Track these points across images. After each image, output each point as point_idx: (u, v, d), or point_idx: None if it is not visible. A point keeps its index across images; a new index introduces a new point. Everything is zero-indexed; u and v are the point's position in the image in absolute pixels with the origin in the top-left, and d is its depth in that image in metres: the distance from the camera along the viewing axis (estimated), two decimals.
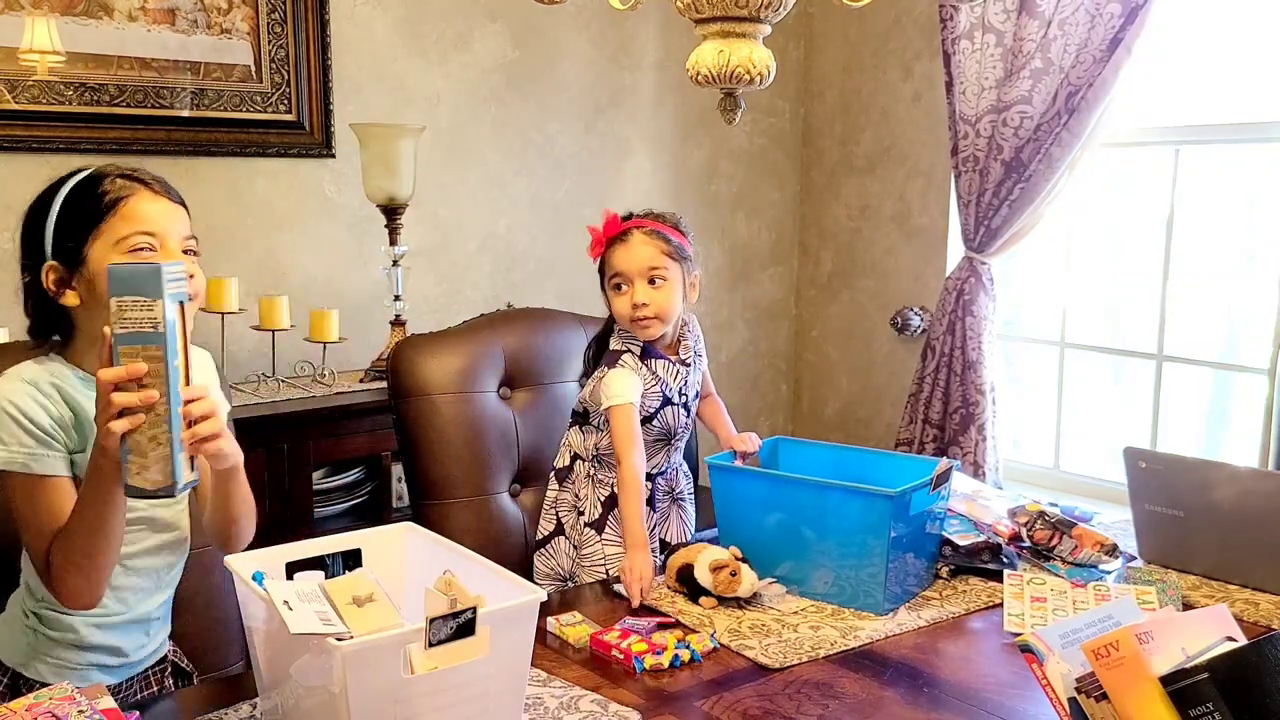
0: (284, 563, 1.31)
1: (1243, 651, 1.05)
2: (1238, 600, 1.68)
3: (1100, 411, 3.25)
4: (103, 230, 1.38)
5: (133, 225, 1.38)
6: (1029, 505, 1.86)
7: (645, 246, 1.86)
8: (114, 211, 1.38)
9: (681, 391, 1.92)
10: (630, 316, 1.87)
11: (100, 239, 1.38)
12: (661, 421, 1.91)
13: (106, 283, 1.24)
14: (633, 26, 3.41)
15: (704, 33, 1.50)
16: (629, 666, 1.44)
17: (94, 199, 1.39)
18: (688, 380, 1.94)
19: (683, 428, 1.94)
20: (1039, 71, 2.91)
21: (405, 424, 1.99)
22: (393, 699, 1.11)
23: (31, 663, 1.45)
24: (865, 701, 1.37)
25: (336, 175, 2.95)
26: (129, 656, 1.52)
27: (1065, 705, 1.11)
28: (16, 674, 1.45)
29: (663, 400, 1.90)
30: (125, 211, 1.38)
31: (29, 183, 2.56)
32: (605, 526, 1.90)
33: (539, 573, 1.96)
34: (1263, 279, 2.83)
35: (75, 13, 2.54)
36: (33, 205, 1.46)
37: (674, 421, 1.92)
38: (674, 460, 1.98)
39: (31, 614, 1.46)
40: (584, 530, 1.92)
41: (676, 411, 1.92)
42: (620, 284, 1.87)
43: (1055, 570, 1.74)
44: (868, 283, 3.67)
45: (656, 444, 1.92)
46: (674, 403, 1.91)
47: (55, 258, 1.41)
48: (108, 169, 1.43)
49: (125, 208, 1.39)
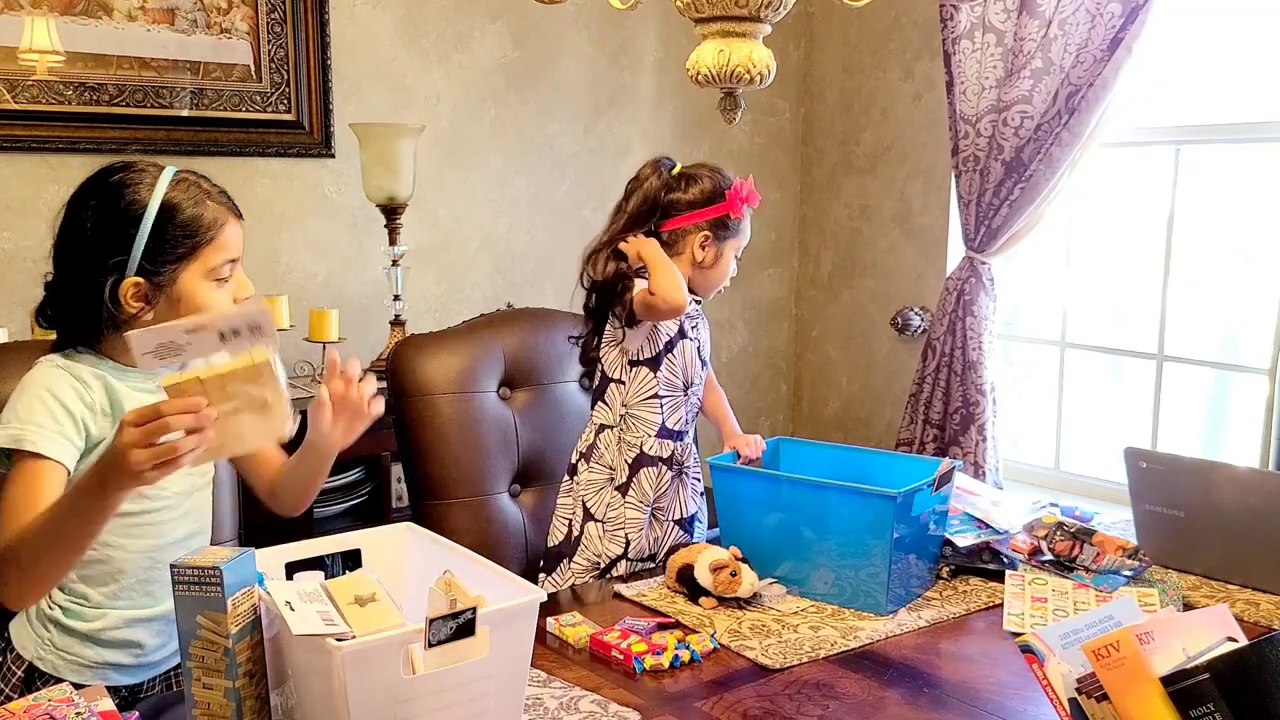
0: (284, 563, 1.31)
1: (1243, 652, 1.05)
2: (1238, 600, 1.68)
3: (1101, 411, 3.25)
4: (199, 257, 1.39)
5: (223, 255, 1.41)
6: (1045, 518, 1.85)
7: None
8: (213, 241, 1.39)
9: (696, 332, 1.94)
10: (724, 286, 1.99)
11: (194, 265, 1.39)
12: (679, 358, 1.91)
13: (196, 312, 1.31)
14: (633, 26, 3.41)
15: (704, 32, 1.50)
16: (629, 667, 1.44)
17: (195, 224, 1.39)
18: (700, 326, 1.96)
19: (698, 378, 1.95)
20: (1039, 71, 2.91)
21: (405, 424, 1.99)
22: (393, 699, 1.11)
23: (47, 657, 1.45)
24: (866, 702, 1.36)
25: (336, 175, 2.95)
26: (148, 655, 1.51)
27: (1066, 706, 1.11)
28: (33, 667, 1.45)
29: (680, 327, 1.91)
30: (220, 241, 1.40)
31: (29, 183, 2.59)
32: (629, 489, 1.90)
33: (579, 569, 1.90)
34: (1263, 279, 2.83)
35: (75, 12, 2.54)
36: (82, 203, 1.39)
37: (689, 364, 1.92)
38: (691, 426, 1.97)
39: (55, 606, 1.45)
40: (612, 496, 1.91)
41: (691, 352, 1.93)
42: (738, 255, 1.96)
43: (1081, 580, 1.71)
44: (868, 282, 3.67)
45: (677, 393, 1.92)
46: (689, 337, 1.93)
47: (141, 274, 1.38)
48: (190, 176, 1.41)
49: (221, 237, 1.40)
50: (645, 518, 1.90)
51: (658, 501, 1.92)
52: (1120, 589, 1.67)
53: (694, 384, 1.94)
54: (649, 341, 1.90)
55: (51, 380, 1.37)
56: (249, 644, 1.18)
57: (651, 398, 1.90)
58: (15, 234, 2.54)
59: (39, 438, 1.33)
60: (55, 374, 1.38)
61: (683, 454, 1.95)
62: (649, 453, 1.90)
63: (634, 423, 1.91)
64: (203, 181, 1.44)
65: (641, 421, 1.90)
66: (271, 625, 1.19)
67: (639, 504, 1.90)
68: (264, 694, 1.21)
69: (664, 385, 1.90)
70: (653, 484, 1.91)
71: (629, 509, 1.90)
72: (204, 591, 1.14)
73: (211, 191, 1.43)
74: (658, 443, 1.91)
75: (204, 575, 1.14)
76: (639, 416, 1.91)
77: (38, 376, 1.38)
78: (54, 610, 1.45)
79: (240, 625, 1.16)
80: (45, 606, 1.45)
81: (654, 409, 1.90)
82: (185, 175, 1.43)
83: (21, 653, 1.45)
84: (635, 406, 1.91)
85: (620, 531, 1.90)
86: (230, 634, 1.15)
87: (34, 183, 2.56)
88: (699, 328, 1.96)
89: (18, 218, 2.55)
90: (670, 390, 1.91)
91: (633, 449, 1.91)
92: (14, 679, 1.45)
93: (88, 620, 1.45)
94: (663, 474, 1.91)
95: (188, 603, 1.15)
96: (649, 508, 1.91)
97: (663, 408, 1.91)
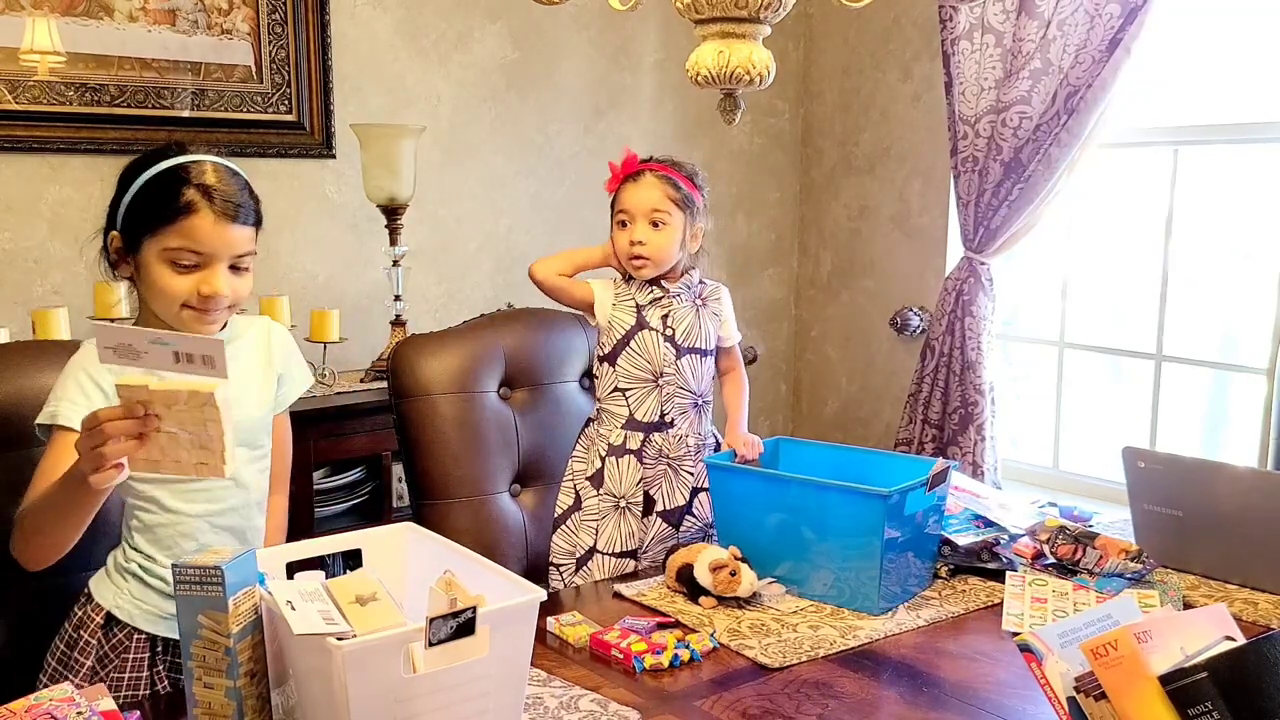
0: (285, 563, 1.32)
1: (1242, 651, 1.05)
2: (1236, 600, 1.68)
3: (1099, 411, 3.26)
4: (159, 234, 1.43)
5: (184, 241, 1.43)
6: (1047, 521, 1.85)
7: (653, 189, 1.92)
8: (174, 223, 1.43)
9: (667, 324, 1.93)
10: (627, 253, 1.93)
11: (154, 240, 1.44)
12: (642, 350, 1.92)
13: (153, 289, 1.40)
14: (632, 27, 3.42)
15: (704, 33, 1.50)
16: (629, 666, 1.44)
17: (165, 198, 1.43)
18: (672, 312, 1.94)
19: (669, 368, 1.93)
20: (1038, 72, 2.91)
21: (405, 424, 1.99)
22: (393, 698, 1.11)
23: (124, 606, 1.52)
24: (864, 701, 1.37)
25: (337, 175, 2.95)
26: None
27: (1064, 704, 1.11)
28: (111, 616, 1.52)
29: (636, 319, 1.92)
30: (184, 227, 1.43)
31: (29, 183, 2.59)
32: (602, 481, 1.94)
33: (558, 551, 1.96)
34: (1262, 279, 2.83)
35: (76, 13, 2.54)
36: (128, 166, 1.51)
37: (656, 354, 1.92)
38: (670, 417, 1.93)
39: (131, 560, 1.52)
40: (585, 487, 1.95)
41: (658, 341, 1.92)
42: (624, 221, 1.93)
43: (1084, 584, 1.71)
44: (867, 283, 3.67)
45: (644, 384, 1.93)
46: (651, 327, 1.92)
47: (121, 230, 1.47)
48: (200, 166, 1.47)
49: (185, 223, 1.43)
50: (610, 508, 1.93)
51: (625, 494, 1.93)
52: (1123, 592, 1.67)
53: (666, 373, 1.93)
54: (607, 337, 1.95)
55: (85, 359, 1.46)
56: (250, 643, 1.19)
57: (614, 391, 1.94)
58: (16, 234, 2.55)
59: (70, 412, 1.41)
60: (90, 352, 1.44)
61: (667, 445, 1.94)
62: (616, 444, 1.93)
63: (605, 416, 1.96)
64: (218, 174, 1.47)
65: (610, 415, 1.95)
66: (272, 625, 1.19)
67: (608, 495, 1.93)
68: (265, 693, 1.22)
69: (624, 378, 1.93)
70: (621, 475, 1.92)
71: (602, 500, 1.94)
72: (205, 591, 1.15)
73: (213, 184, 1.45)
74: (625, 434, 1.93)
75: (205, 575, 1.15)
76: (607, 410, 1.96)
77: (76, 356, 1.48)
78: (130, 564, 1.52)
79: (241, 625, 1.17)
80: (123, 560, 1.53)
81: (618, 402, 1.94)
82: (212, 165, 1.48)
83: (101, 602, 1.52)
84: (604, 400, 1.96)
85: (592, 522, 1.94)
86: (231, 633, 1.15)
87: (35, 183, 2.56)
88: (671, 316, 1.94)
89: (18, 218, 2.55)
90: (634, 382, 1.93)
91: (604, 440, 1.94)
92: (92, 625, 1.52)
93: (162, 576, 1.51)
94: (631, 465, 1.92)
95: (189, 602, 1.16)
96: (613, 499, 1.93)
97: (628, 400, 1.93)
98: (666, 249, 1.92)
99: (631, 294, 1.95)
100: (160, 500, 1.51)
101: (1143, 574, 1.72)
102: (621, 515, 1.93)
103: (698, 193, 1.95)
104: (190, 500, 1.52)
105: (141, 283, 1.48)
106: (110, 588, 1.53)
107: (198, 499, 1.53)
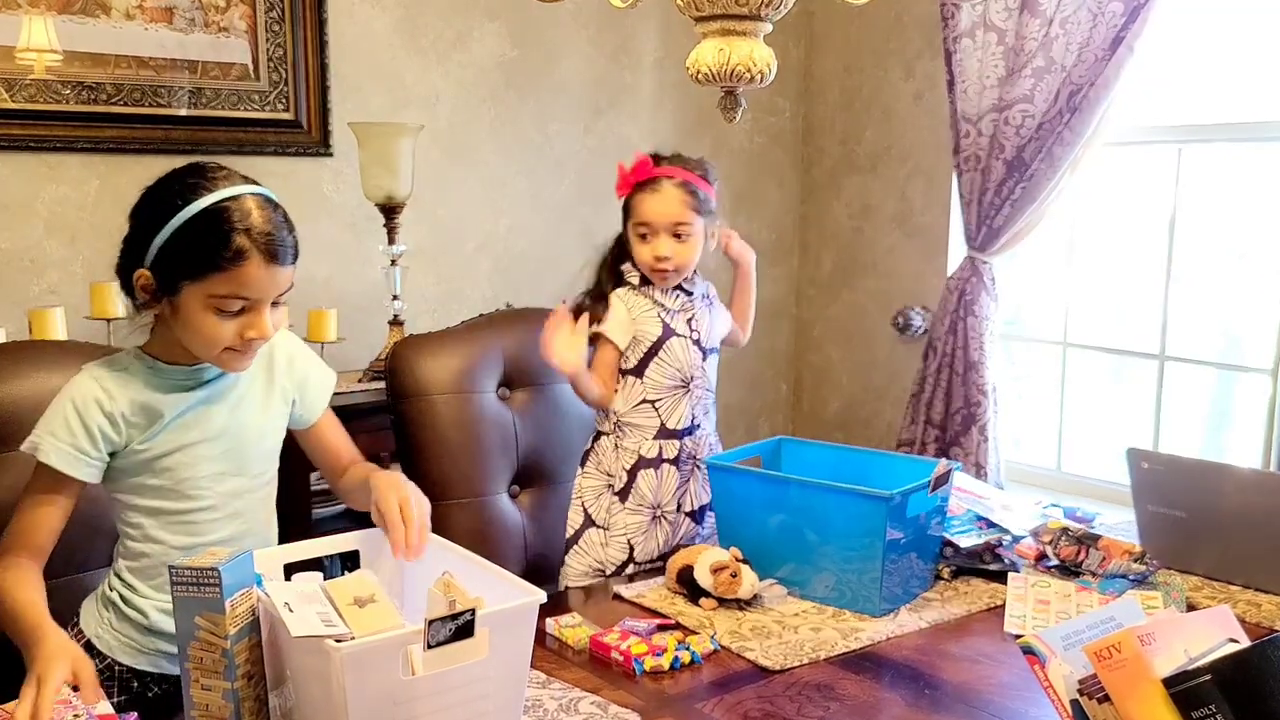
0: (282, 564, 1.31)
1: (1245, 653, 1.04)
2: (1240, 601, 1.68)
3: (1102, 412, 3.25)
4: (205, 281, 1.36)
5: (233, 289, 1.36)
6: (1050, 523, 1.84)
7: (673, 201, 1.87)
8: (222, 271, 1.35)
9: (692, 326, 1.92)
10: (651, 266, 1.89)
11: (198, 286, 1.36)
12: (671, 358, 1.89)
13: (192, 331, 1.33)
14: (632, 25, 3.41)
15: (704, 31, 1.49)
16: (629, 668, 1.44)
17: (212, 245, 1.35)
18: (695, 315, 1.93)
19: (699, 371, 1.92)
20: (1041, 70, 2.90)
21: (404, 424, 1.99)
22: (392, 701, 1.10)
23: (104, 636, 1.48)
24: (866, 703, 1.36)
25: (335, 174, 2.94)
26: None
27: (1067, 707, 1.11)
28: (91, 644, 1.48)
29: (664, 328, 1.90)
30: (233, 275, 1.36)
31: (26, 182, 2.58)
32: (629, 494, 1.90)
33: (574, 573, 1.92)
34: (1266, 278, 2.82)
35: (72, 11, 2.53)
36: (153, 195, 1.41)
37: (685, 359, 1.90)
38: (698, 420, 1.94)
39: (114, 590, 1.49)
40: (611, 501, 1.91)
41: (686, 346, 1.91)
42: (645, 234, 1.89)
43: (1087, 585, 1.70)
44: (869, 282, 3.66)
45: (674, 391, 1.91)
46: (679, 334, 1.91)
47: (151, 269, 1.38)
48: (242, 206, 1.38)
49: (235, 272, 1.35)
50: (646, 521, 1.90)
51: (662, 502, 1.91)
52: (1126, 594, 1.66)
53: (695, 378, 1.92)
54: (632, 351, 1.90)
55: (78, 390, 1.40)
56: (247, 645, 1.18)
57: (642, 403, 1.90)
58: (13, 234, 2.54)
59: (51, 449, 1.37)
60: (85, 384, 1.40)
61: (695, 448, 1.93)
62: (647, 456, 1.89)
63: (629, 429, 1.91)
64: (263, 214, 1.39)
65: (636, 428, 1.90)
66: (270, 626, 1.19)
67: (639, 508, 1.89)
68: (262, 695, 1.21)
69: (653, 389, 1.90)
70: (654, 486, 1.90)
71: (629, 514, 1.89)
72: (202, 593, 1.14)
73: (259, 226, 1.38)
74: (658, 445, 1.90)
75: (202, 576, 1.14)
76: (633, 423, 1.90)
77: (70, 386, 1.41)
78: (113, 593, 1.49)
79: (239, 626, 1.16)
80: (107, 589, 1.49)
81: (648, 414, 1.90)
82: (255, 202, 1.40)
83: (84, 629, 1.49)
84: (628, 414, 1.90)
85: (623, 537, 1.89)
86: (228, 635, 1.15)
87: (31, 182, 2.55)
88: (696, 320, 1.94)
89: (15, 217, 2.54)
90: (663, 392, 1.90)
91: (630, 454, 1.90)
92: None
93: (139, 608, 1.48)
94: (667, 474, 1.90)
95: (186, 604, 1.15)
96: (651, 511, 1.90)
97: (659, 410, 1.90)
98: (691, 258, 1.90)
99: (651, 303, 1.91)
100: (145, 528, 1.45)
101: (1146, 575, 1.71)
102: (656, 525, 1.91)
103: (712, 192, 1.93)
104: (174, 532, 1.45)
105: (178, 323, 1.39)
106: (94, 615, 1.49)
107: (185, 532, 1.46)
